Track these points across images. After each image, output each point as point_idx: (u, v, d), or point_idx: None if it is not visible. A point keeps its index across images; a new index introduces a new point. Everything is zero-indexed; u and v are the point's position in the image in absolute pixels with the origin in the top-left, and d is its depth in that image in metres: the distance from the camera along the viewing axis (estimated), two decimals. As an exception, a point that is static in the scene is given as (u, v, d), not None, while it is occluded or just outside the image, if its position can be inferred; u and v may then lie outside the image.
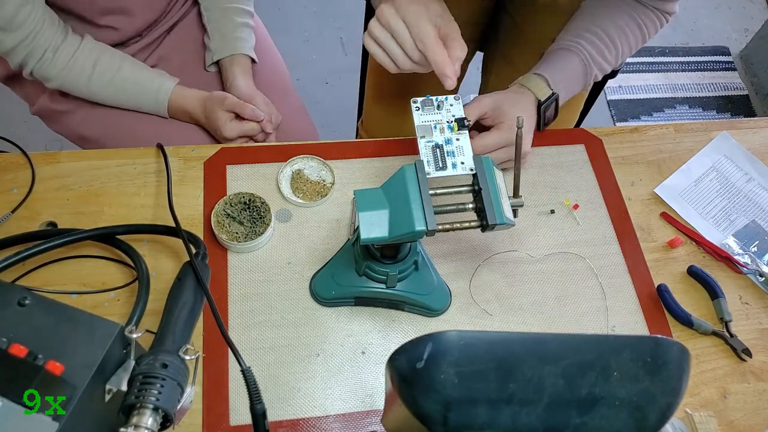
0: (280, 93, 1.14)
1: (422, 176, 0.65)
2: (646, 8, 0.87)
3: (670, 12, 0.88)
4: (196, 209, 0.83)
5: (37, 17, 0.89)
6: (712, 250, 0.85)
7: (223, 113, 0.97)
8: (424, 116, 0.73)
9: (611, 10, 0.88)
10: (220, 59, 1.06)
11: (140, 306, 0.70)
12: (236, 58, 1.05)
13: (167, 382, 0.50)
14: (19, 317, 0.48)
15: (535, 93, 0.84)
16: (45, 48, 0.92)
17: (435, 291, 0.76)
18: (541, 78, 0.85)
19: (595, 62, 0.88)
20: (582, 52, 0.87)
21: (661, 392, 0.43)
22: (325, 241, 0.82)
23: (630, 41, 0.89)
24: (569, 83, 0.88)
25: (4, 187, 0.82)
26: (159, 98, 1.00)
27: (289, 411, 0.71)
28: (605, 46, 0.87)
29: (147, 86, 0.99)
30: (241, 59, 1.05)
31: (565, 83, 0.87)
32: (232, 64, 1.05)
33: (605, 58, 0.88)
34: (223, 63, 1.06)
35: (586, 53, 0.87)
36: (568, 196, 0.89)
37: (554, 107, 0.87)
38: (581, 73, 0.88)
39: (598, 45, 0.87)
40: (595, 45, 0.87)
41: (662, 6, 0.87)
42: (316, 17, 2.22)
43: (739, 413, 0.75)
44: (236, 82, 1.03)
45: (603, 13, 0.88)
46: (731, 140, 0.96)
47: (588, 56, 0.87)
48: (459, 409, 0.42)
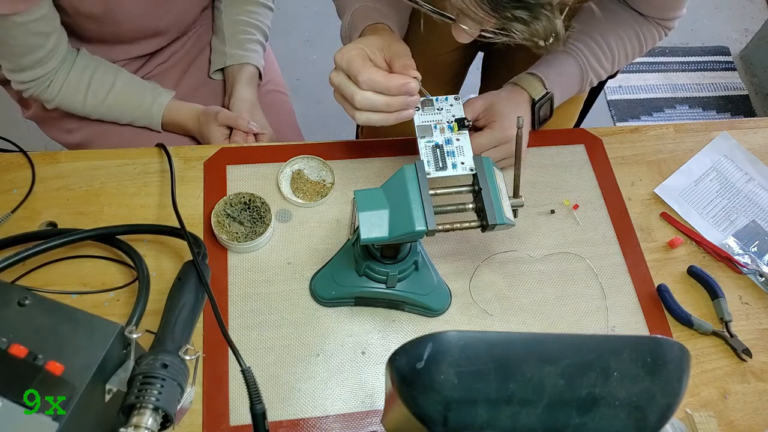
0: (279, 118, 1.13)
1: (422, 176, 0.65)
2: (647, 21, 0.87)
3: (670, 27, 0.89)
4: (196, 209, 0.83)
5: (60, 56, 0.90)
6: (712, 250, 0.85)
7: (217, 130, 0.96)
8: (424, 116, 0.73)
9: (613, 19, 0.88)
10: (228, 66, 1.06)
11: (140, 306, 0.70)
12: (245, 67, 1.05)
13: (167, 382, 0.50)
14: (19, 317, 0.48)
15: (529, 91, 0.84)
16: (50, 80, 0.92)
17: (435, 291, 0.76)
18: (536, 77, 0.86)
19: (592, 68, 0.88)
20: (580, 56, 0.87)
21: (661, 392, 0.43)
22: (325, 241, 0.82)
23: (627, 51, 0.89)
24: (565, 85, 0.88)
25: (4, 187, 0.82)
26: (152, 114, 0.99)
27: (289, 411, 0.71)
28: (603, 53, 0.88)
29: (140, 102, 0.98)
30: (250, 69, 1.05)
31: (561, 85, 0.87)
32: (241, 71, 1.04)
33: (602, 65, 0.89)
34: (231, 70, 1.06)
35: (583, 58, 0.87)
36: (568, 196, 0.89)
37: (549, 106, 0.87)
38: (578, 77, 0.88)
39: (596, 51, 0.87)
40: (594, 51, 0.87)
41: (664, 23, 0.87)
42: (317, 17, 2.22)
43: (739, 413, 0.75)
44: (241, 90, 1.02)
45: (604, 21, 0.88)
46: (731, 140, 0.96)
47: (585, 61, 0.87)
48: (459, 410, 0.42)
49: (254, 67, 1.05)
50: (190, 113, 1.00)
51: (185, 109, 1.00)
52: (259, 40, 1.08)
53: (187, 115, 1.00)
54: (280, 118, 1.15)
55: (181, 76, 1.09)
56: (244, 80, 1.03)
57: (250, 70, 1.05)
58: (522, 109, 0.84)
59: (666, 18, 0.87)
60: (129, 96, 0.98)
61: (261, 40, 1.09)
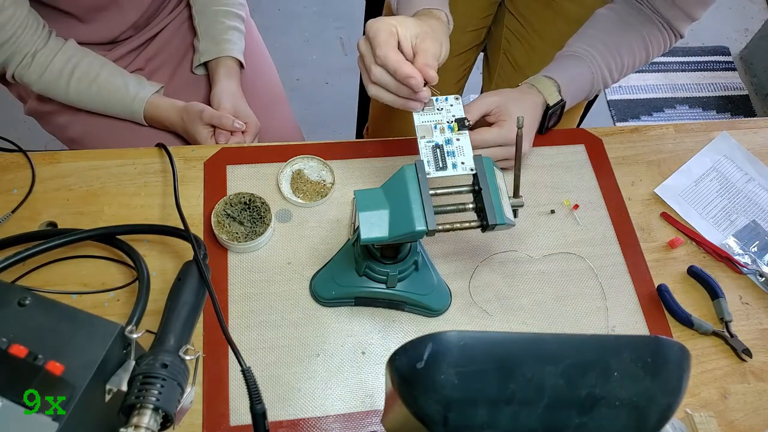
0: (268, 99, 1.13)
1: (422, 176, 0.65)
2: (657, 29, 0.87)
3: (682, 34, 0.89)
4: (196, 209, 0.83)
5: (20, 19, 0.89)
6: (712, 251, 0.85)
7: (202, 129, 0.96)
8: (425, 116, 0.73)
9: (625, 26, 0.88)
10: (208, 61, 1.06)
11: (140, 306, 0.69)
12: (222, 60, 1.04)
13: (167, 382, 0.50)
14: (19, 317, 0.48)
15: (545, 96, 0.84)
16: (25, 53, 0.91)
17: (435, 291, 0.76)
18: (552, 82, 0.85)
19: (603, 76, 0.88)
20: (593, 63, 0.87)
21: (661, 392, 0.43)
22: (325, 241, 0.82)
23: (635, 61, 0.90)
24: (576, 92, 0.88)
25: (4, 187, 0.82)
26: (134, 108, 0.99)
27: (289, 411, 0.71)
28: (614, 62, 0.88)
29: (122, 95, 0.98)
30: (228, 61, 1.04)
31: (572, 92, 0.87)
32: (219, 65, 1.04)
33: (611, 74, 0.89)
34: (211, 65, 1.06)
35: (596, 65, 0.87)
36: (568, 196, 0.89)
37: (560, 113, 0.87)
38: (588, 84, 0.88)
39: (608, 60, 0.87)
40: (606, 60, 0.87)
41: (679, 26, 0.87)
42: (316, 17, 2.22)
43: (739, 413, 0.75)
44: (220, 84, 1.02)
45: (616, 28, 0.88)
46: (731, 140, 0.96)
47: (598, 69, 0.87)
48: (459, 410, 0.42)
49: (231, 59, 1.05)
50: (171, 110, 0.99)
51: (166, 106, 0.99)
52: (232, 26, 1.07)
53: (168, 111, 0.99)
54: (281, 118, 1.15)
55: (172, 72, 1.09)
56: (222, 73, 1.03)
57: (228, 62, 1.04)
58: (533, 111, 0.84)
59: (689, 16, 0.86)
60: (112, 87, 0.97)
61: (234, 24, 1.08)
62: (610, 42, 0.88)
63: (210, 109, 0.96)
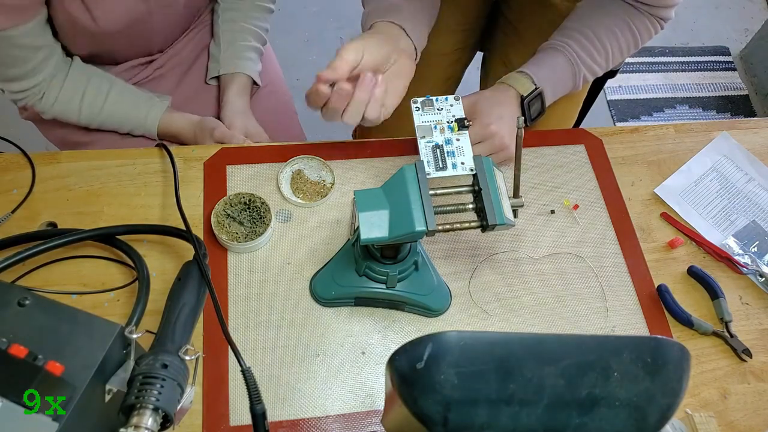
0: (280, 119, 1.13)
1: (422, 176, 0.65)
2: (640, 13, 0.87)
3: (665, 18, 0.88)
4: (196, 209, 0.83)
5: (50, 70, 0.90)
6: (712, 251, 0.85)
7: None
8: (424, 116, 0.73)
9: (603, 14, 0.88)
10: (223, 74, 1.05)
11: (140, 306, 0.70)
12: (237, 76, 1.04)
13: (167, 382, 0.50)
14: (19, 317, 0.48)
15: (516, 88, 0.85)
16: (42, 91, 0.92)
17: (435, 291, 0.76)
18: (524, 75, 0.86)
19: (584, 63, 0.88)
20: (569, 52, 0.87)
21: (661, 393, 0.43)
22: (325, 241, 0.82)
23: (621, 44, 0.89)
24: (556, 81, 0.88)
25: (4, 187, 0.82)
26: (147, 126, 0.99)
27: (289, 411, 0.71)
28: (594, 47, 0.88)
29: (135, 114, 0.98)
30: (242, 78, 1.05)
31: (552, 81, 0.87)
32: (232, 81, 1.04)
33: (594, 60, 0.88)
34: (224, 78, 1.06)
35: (573, 53, 0.87)
36: (568, 196, 0.89)
37: (540, 103, 0.87)
38: (569, 72, 0.88)
39: (586, 46, 0.87)
40: (584, 46, 0.87)
41: (656, 12, 0.87)
42: (316, 17, 2.22)
43: (739, 414, 0.75)
44: (232, 99, 1.02)
45: (594, 16, 0.88)
46: (731, 140, 0.96)
47: (575, 56, 0.87)
48: (459, 410, 0.42)
49: (247, 77, 1.05)
50: (185, 124, 0.99)
51: (181, 121, 1.00)
52: (254, 46, 1.08)
53: (182, 125, 0.99)
54: (283, 119, 1.15)
55: (179, 81, 1.09)
56: (235, 89, 1.03)
57: (242, 80, 1.05)
58: (507, 105, 0.84)
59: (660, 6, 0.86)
60: (123, 107, 0.98)
61: (257, 45, 1.08)
62: (586, 29, 0.87)
63: (222, 128, 0.96)
